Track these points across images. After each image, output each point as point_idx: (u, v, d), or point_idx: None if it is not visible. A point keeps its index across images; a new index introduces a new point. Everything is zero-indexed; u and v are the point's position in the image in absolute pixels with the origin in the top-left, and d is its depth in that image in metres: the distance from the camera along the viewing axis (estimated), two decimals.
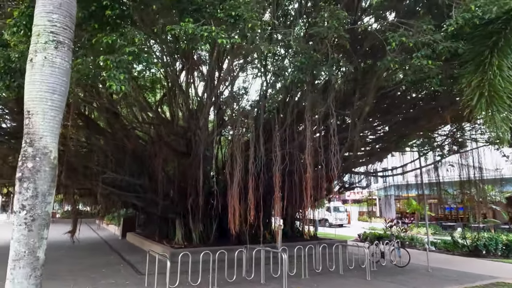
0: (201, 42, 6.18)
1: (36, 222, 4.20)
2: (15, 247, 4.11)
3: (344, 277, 11.65)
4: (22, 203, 4.18)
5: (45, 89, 4.41)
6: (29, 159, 4.27)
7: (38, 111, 4.37)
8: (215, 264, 9.68)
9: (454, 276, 11.99)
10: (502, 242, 16.65)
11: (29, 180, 4.22)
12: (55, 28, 4.59)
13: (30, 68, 4.45)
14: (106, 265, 13.10)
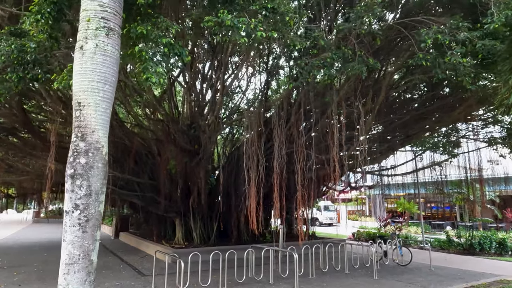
0: (239, 35, 5.92)
1: (90, 223, 3.86)
2: (69, 250, 3.76)
3: (351, 276, 11.59)
4: (75, 202, 3.83)
5: (97, 79, 4.07)
6: (81, 155, 3.92)
7: (90, 102, 4.03)
8: (224, 264, 9.43)
9: (458, 274, 12.11)
10: (496, 241, 17.03)
11: (82, 177, 3.87)
12: (106, 14, 4.25)
13: (80, 56, 4.09)
14: (104, 266, 12.63)
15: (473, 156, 16.78)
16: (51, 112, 11.23)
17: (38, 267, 12.41)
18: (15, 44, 7.03)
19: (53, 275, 10.70)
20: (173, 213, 15.55)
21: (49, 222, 32.47)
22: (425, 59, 6.99)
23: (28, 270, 11.80)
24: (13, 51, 7.13)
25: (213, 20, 5.92)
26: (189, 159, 12.77)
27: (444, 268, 13.29)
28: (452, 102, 11.94)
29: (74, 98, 4.08)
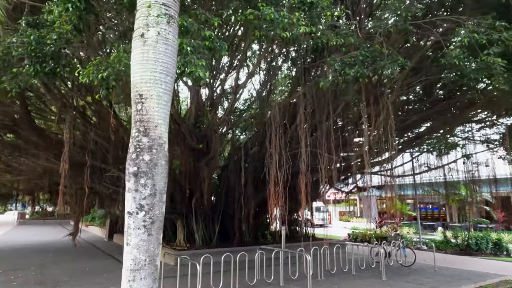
0: (279, 30, 5.70)
1: (155, 225, 3.56)
2: (134, 254, 3.44)
3: (359, 278, 11.53)
4: (139, 203, 3.51)
5: (160, 69, 3.77)
6: (145, 151, 3.61)
7: (152, 94, 3.72)
8: (236, 266, 9.22)
9: (463, 274, 12.21)
10: (492, 241, 17.35)
11: (146, 175, 3.56)
12: (166, 0, 3.96)
13: (141, 45, 3.78)
14: (105, 269, 12.20)
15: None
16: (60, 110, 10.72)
17: (36, 270, 11.87)
18: (34, 35, 6.61)
19: (53, 280, 10.32)
20: (175, 215, 15.14)
21: (45, 223, 31.36)
22: (458, 58, 6.94)
23: (25, 274, 11.25)
24: (31, 42, 6.72)
25: (254, 13, 5.68)
26: (197, 159, 12.42)
27: (447, 268, 13.38)
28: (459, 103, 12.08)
29: (134, 89, 3.76)
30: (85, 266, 12.79)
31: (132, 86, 3.78)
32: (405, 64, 7.33)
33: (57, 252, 16.00)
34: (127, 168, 3.64)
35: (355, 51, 7.34)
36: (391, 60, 7.16)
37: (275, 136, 9.81)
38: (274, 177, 9.66)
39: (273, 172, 9.70)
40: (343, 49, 7.57)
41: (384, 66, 7.12)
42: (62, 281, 10.41)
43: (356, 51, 7.38)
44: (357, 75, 6.97)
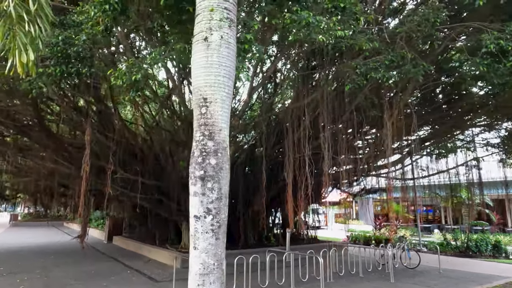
0: (315, 34, 5.73)
1: (222, 229, 3.55)
2: (203, 258, 3.42)
3: (367, 280, 11.62)
4: (207, 207, 3.50)
5: (223, 73, 3.77)
6: (211, 155, 3.60)
7: (217, 98, 3.72)
8: (248, 268, 9.22)
9: (468, 277, 12.38)
10: (491, 243, 17.65)
11: (213, 179, 3.55)
12: (228, 4, 3.96)
13: (205, 48, 3.77)
14: (111, 272, 12.05)
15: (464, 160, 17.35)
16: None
17: (40, 273, 11.67)
18: (62, 35, 6.52)
19: (60, 283, 10.21)
20: (181, 216, 15.04)
21: (40, 224, 30.72)
22: (482, 64, 7.08)
23: (31, 277, 11.05)
24: (58, 43, 6.62)
25: (292, 17, 5.71)
26: None
27: (452, 270, 13.53)
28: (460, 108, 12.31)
29: (198, 93, 3.75)
30: (90, 269, 12.63)
31: (195, 90, 3.77)
32: (428, 69, 7.45)
33: (57, 254, 15.77)
34: (192, 171, 3.62)
35: (377, 55, 7.43)
36: (415, 65, 7.26)
37: (292, 139, 9.83)
38: (291, 180, 9.67)
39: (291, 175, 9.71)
40: (366, 53, 7.65)
41: (408, 71, 7.22)
42: (69, 284, 10.27)
43: (379, 55, 7.46)
44: (383, 79, 7.06)
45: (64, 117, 10.59)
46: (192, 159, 3.66)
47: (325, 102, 10.04)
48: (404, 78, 7.42)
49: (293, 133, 10.06)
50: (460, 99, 12.99)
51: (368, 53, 7.61)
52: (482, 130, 15.96)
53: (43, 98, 10.26)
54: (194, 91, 3.80)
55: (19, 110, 10.12)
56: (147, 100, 12.02)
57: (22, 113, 10.37)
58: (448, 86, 12.28)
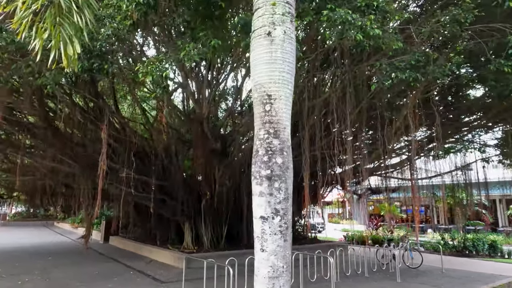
0: (353, 32, 5.67)
1: (289, 230, 3.43)
2: (272, 261, 3.29)
3: (373, 280, 11.64)
4: (275, 207, 3.37)
5: (287, 69, 3.64)
6: (277, 154, 3.47)
7: (281, 95, 3.59)
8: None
9: (470, 276, 12.53)
10: (487, 243, 17.95)
11: (280, 179, 3.43)
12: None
13: (268, 44, 3.63)
14: (113, 273, 11.79)
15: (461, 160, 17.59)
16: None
17: (41, 275, 11.33)
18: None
19: (63, 285, 9.95)
20: (183, 216, 14.82)
21: (30, 224, 29.81)
22: (506, 65, 7.13)
23: (31, 279, 10.71)
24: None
25: (328, 15, 5.62)
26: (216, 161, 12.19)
27: (453, 270, 13.66)
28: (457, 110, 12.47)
29: (261, 89, 3.61)
30: (90, 270, 12.34)
31: (258, 86, 3.63)
32: (452, 69, 7.47)
33: (54, 255, 15.37)
34: (256, 171, 3.48)
35: (401, 55, 7.41)
36: (439, 66, 7.27)
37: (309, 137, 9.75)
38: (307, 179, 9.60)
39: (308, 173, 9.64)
40: (390, 52, 7.62)
41: (434, 71, 7.23)
42: (73, 285, 9.99)
43: (402, 55, 7.45)
44: (409, 79, 7.04)
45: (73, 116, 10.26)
46: (256, 158, 3.52)
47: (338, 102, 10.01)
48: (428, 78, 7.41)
49: (309, 131, 9.96)
50: (457, 101, 13.18)
51: (391, 52, 7.59)
52: (478, 131, 16.20)
53: (52, 96, 9.95)
54: (256, 87, 3.66)
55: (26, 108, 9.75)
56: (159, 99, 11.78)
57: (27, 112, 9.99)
58: (446, 88, 12.43)
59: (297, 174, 15.60)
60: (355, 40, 5.64)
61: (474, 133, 16.63)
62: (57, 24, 3.77)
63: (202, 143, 11.03)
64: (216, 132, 12.37)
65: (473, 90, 13.71)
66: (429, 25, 7.21)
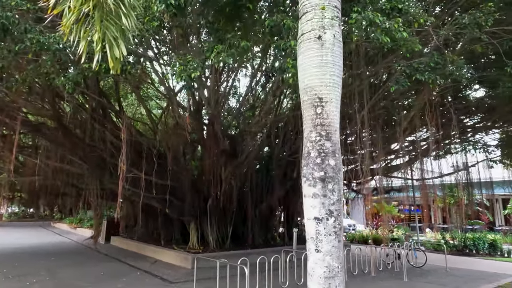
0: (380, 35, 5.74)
1: (341, 231, 3.50)
2: (328, 261, 3.35)
3: (379, 279, 11.77)
4: (329, 209, 3.43)
5: (337, 73, 3.71)
6: (329, 156, 3.53)
7: (332, 98, 3.65)
8: (270, 266, 9.20)
9: (475, 275, 12.73)
10: (488, 242, 18.21)
11: (333, 180, 3.49)
12: (337, 3, 3.90)
13: (319, 47, 3.69)
14: (120, 273, 11.76)
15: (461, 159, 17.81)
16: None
17: (48, 276, 11.27)
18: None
19: (71, 285, 9.87)
20: (189, 216, 14.80)
21: (27, 225, 29.29)
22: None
23: (39, 280, 10.65)
24: None
25: (357, 17, 5.69)
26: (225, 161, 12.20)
27: (456, 269, 13.84)
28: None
29: (312, 92, 3.67)
30: (96, 270, 12.28)
31: (308, 89, 3.69)
32: (470, 71, 7.61)
33: (56, 255, 15.26)
34: (309, 172, 3.54)
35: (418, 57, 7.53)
36: (459, 67, 7.40)
37: None
38: None
39: None
40: (407, 54, 7.72)
41: (452, 73, 7.35)
42: (82, 286, 9.96)
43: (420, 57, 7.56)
44: (428, 81, 7.15)
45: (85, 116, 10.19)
46: (308, 160, 3.58)
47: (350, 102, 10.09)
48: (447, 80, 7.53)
49: None
50: (458, 102, 13.38)
51: (408, 54, 7.69)
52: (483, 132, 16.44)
53: (61, 96, 9.88)
54: (306, 90, 3.71)
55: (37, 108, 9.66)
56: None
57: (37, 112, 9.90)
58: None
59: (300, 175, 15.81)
60: (381, 42, 5.71)
61: (476, 134, 16.88)
62: (104, 26, 3.76)
63: (213, 143, 11.03)
64: (225, 132, 12.37)
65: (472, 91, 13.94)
66: (448, 28, 7.32)
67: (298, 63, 3.82)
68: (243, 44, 5.61)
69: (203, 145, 12.27)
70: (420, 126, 11.30)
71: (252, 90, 12.48)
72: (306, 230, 3.61)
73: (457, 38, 7.76)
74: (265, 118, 10.60)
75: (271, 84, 10.98)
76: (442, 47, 7.70)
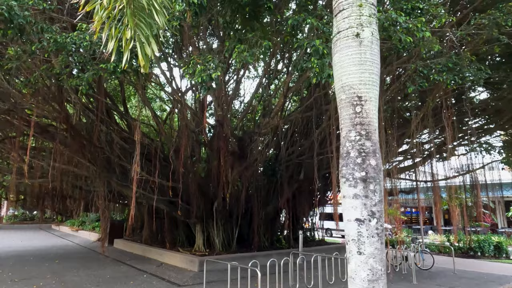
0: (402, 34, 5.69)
1: (383, 233, 3.42)
2: (371, 264, 3.27)
3: (389, 281, 11.71)
4: (371, 210, 3.35)
5: (376, 71, 3.65)
6: (370, 155, 3.46)
7: (371, 97, 3.59)
8: (280, 269, 9.16)
9: (484, 277, 12.71)
10: (493, 244, 18.20)
11: (375, 181, 3.41)
12: (373, 0, 3.84)
13: (357, 45, 3.63)
14: (127, 277, 11.67)
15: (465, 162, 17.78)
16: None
17: (54, 279, 11.17)
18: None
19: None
20: (195, 218, 14.68)
21: (27, 227, 28.98)
22: None
23: (46, 283, 10.55)
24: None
25: (380, 17, 5.62)
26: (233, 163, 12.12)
27: (464, 271, 13.83)
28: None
29: (351, 91, 3.60)
30: (103, 273, 12.18)
31: (347, 88, 3.62)
32: (487, 73, 7.57)
33: (60, 258, 15.14)
34: (349, 172, 3.46)
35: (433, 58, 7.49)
36: (477, 68, 7.37)
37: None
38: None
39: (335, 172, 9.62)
40: (423, 55, 7.68)
41: (473, 74, 7.31)
42: None
43: (435, 58, 7.53)
44: (447, 81, 7.11)
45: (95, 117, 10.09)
46: (348, 160, 3.50)
47: None
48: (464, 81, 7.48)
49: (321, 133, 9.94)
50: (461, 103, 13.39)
51: (424, 55, 7.66)
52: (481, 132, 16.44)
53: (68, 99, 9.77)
54: (343, 88, 3.65)
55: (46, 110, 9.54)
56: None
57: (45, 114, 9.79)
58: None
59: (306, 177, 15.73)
60: (402, 42, 5.66)
61: (482, 136, 16.88)
62: (136, 24, 3.68)
63: (222, 145, 10.94)
64: (234, 134, 12.29)
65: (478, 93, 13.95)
66: (464, 28, 7.30)
67: (334, 61, 3.76)
68: (265, 44, 5.55)
69: (210, 146, 12.17)
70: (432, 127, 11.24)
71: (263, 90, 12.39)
72: (346, 232, 3.53)
73: (473, 38, 7.72)
74: (275, 119, 10.51)
75: (281, 85, 10.91)
76: (458, 48, 7.66)
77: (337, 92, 3.75)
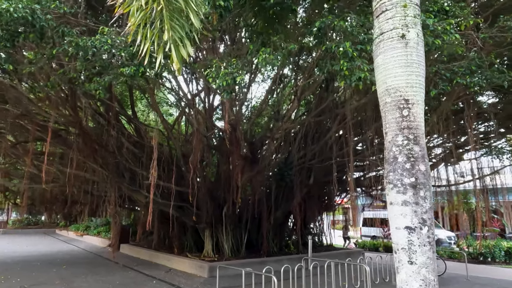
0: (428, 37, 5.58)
1: (434, 242, 3.29)
2: (423, 274, 3.13)
3: None
4: (422, 217, 3.22)
5: (422, 73, 3.54)
6: (419, 160, 3.33)
7: (418, 100, 3.47)
8: (293, 274, 9.00)
9: (497, 283, 12.53)
10: (503, 249, 18.00)
11: (425, 187, 3.28)
12: (417, 0, 3.74)
13: (403, 46, 3.51)
14: (135, 283, 11.51)
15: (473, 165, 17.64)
16: None
17: (63, 285, 10.99)
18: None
19: None
20: (205, 224, 14.53)
21: (32, 232, 28.71)
22: None
23: None
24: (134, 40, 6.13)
25: None
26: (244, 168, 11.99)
27: (477, 277, 13.64)
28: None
29: (397, 94, 3.48)
30: (112, 279, 12.00)
31: (392, 90, 3.50)
32: (510, 76, 7.47)
33: (67, 263, 14.96)
34: (397, 178, 3.33)
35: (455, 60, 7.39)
36: (500, 71, 7.26)
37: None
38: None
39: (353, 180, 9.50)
40: (444, 58, 7.59)
41: (493, 77, 7.21)
42: None
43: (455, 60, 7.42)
44: (471, 85, 7.00)
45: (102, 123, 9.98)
46: (396, 165, 3.37)
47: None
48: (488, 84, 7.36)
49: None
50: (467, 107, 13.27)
51: (445, 58, 7.57)
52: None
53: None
54: (389, 91, 3.52)
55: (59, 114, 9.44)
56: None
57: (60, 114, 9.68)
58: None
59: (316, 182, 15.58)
60: (429, 45, 5.54)
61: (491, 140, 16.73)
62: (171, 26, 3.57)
63: (235, 149, 10.82)
64: (247, 138, 12.17)
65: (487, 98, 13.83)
66: (487, 30, 7.20)
67: (377, 63, 3.64)
68: (291, 47, 5.44)
69: (221, 151, 12.04)
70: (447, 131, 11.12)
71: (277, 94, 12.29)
72: (393, 240, 3.40)
73: (496, 42, 7.63)
74: (288, 123, 10.40)
75: (295, 88, 10.81)
76: (479, 50, 7.56)
77: (380, 95, 3.63)
